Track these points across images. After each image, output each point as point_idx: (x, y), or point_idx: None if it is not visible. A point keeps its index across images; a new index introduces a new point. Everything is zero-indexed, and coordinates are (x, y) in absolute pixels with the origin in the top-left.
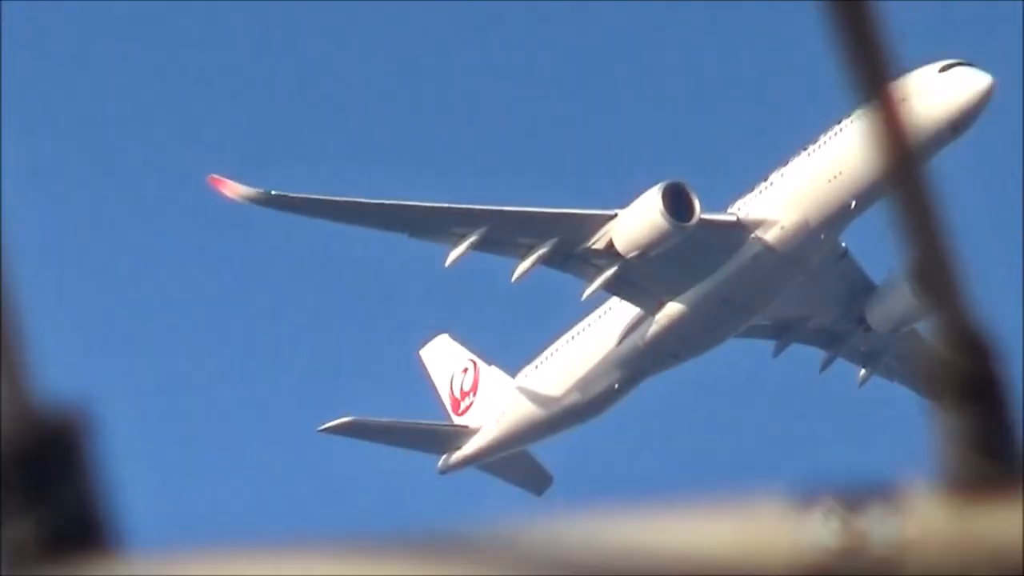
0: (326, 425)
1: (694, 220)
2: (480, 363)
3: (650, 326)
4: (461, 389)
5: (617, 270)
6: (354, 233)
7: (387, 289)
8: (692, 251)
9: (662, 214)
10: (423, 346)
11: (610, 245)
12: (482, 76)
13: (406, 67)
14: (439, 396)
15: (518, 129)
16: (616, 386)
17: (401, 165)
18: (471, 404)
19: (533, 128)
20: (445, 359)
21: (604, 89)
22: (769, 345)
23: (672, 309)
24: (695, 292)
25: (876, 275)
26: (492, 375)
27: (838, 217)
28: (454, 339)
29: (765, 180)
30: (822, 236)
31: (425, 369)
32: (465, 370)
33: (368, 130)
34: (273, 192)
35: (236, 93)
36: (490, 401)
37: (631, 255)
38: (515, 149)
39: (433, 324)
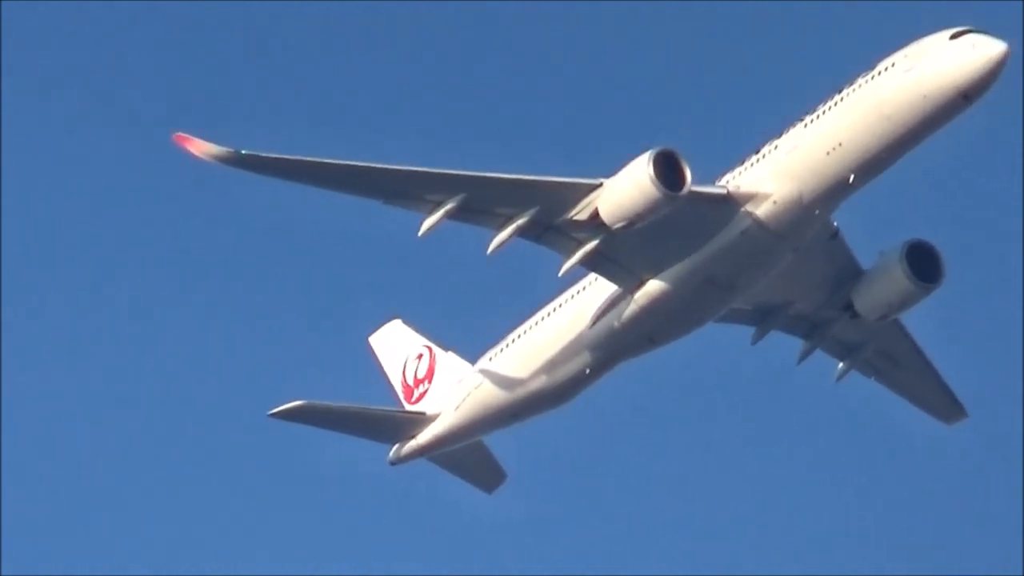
0: (276, 409)
1: (685, 189)
2: (436, 349)
3: (628, 306)
4: (415, 376)
5: (598, 244)
6: (323, 203)
7: (350, 264)
8: (679, 224)
9: (653, 181)
10: (373, 332)
11: (594, 216)
12: (466, 40)
13: (387, 27)
14: (390, 384)
15: (498, 95)
16: (587, 371)
17: (379, 132)
18: (425, 392)
19: (513, 95)
20: (397, 346)
21: (586, 55)
22: (748, 332)
23: (652, 287)
24: (678, 269)
25: (864, 259)
26: (450, 361)
27: (835, 192)
28: (408, 325)
29: (756, 153)
30: (816, 212)
31: (375, 356)
32: (420, 356)
33: (343, 94)
34: (244, 152)
35: (204, 48)
36: (448, 388)
37: (617, 226)
38: (494, 116)
39: (388, 309)
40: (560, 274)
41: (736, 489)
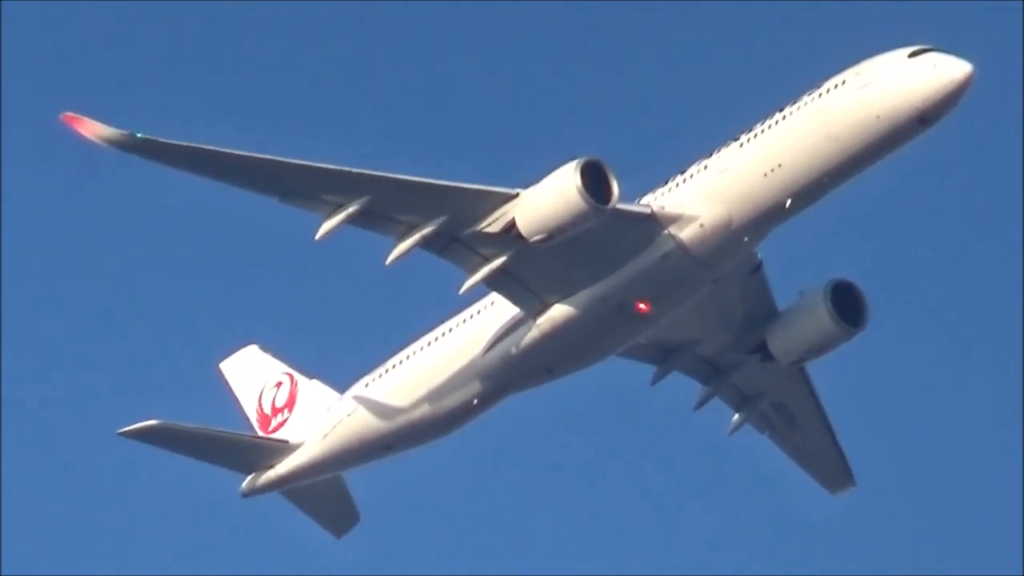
0: (129, 428)
1: (612, 203)
2: (298, 376)
3: (528, 332)
4: (273, 405)
5: (506, 260)
6: (215, 199)
7: (232, 271)
8: (598, 242)
9: (580, 192)
10: (226, 358)
11: (507, 228)
12: (383, 38)
13: (301, 19)
14: (243, 412)
15: (415, 99)
16: (475, 401)
17: (286, 128)
18: (284, 421)
19: (428, 100)
20: (253, 373)
21: (509, 63)
22: (649, 370)
23: (558, 312)
24: (589, 293)
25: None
26: (313, 389)
27: (768, 218)
28: (265, 351)
29: (682, 173)
30: (745, 239)
31: (227, 383)
32: (279, 384)
33: (247, 86)
34: (140, 135)
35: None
36: (313, 416)
37: (535, 238)
38: (407, 121)
39: (264, 324)
40: (461, 292)
41: (613, 534)
